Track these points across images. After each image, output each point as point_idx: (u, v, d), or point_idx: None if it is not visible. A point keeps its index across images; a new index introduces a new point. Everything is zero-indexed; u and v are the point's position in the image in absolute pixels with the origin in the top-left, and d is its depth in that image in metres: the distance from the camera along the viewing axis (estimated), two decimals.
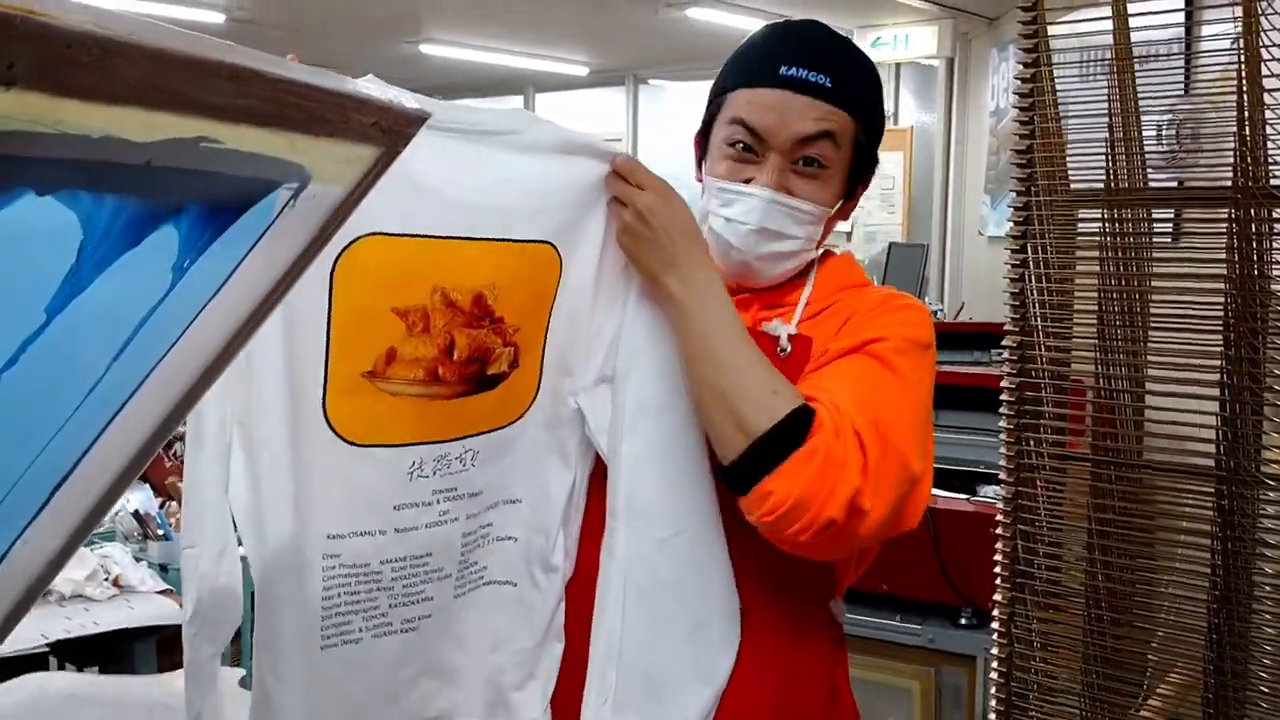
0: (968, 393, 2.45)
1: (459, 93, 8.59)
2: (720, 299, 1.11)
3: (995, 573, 1.53)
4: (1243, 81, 1.32)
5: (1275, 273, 1.34)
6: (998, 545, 1.52)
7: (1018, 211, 1.49)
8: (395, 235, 1.01)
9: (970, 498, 2.47)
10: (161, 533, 2.65)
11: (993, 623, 1.57)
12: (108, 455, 0.59)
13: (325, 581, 1.04)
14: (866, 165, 1.24)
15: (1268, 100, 1.31)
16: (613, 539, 1.13)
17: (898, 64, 6.76)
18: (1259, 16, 1.30)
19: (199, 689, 1.01)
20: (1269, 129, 1.32)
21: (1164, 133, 1.55)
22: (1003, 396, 1.55)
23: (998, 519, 1.52)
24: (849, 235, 6.57)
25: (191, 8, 6.01)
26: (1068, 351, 1.54)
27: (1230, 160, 1.35)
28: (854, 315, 1.18)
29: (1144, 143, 1.49)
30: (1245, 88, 1.32)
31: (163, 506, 2.79)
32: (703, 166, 1.24)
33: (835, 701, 1.24)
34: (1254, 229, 1.34)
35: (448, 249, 1.05)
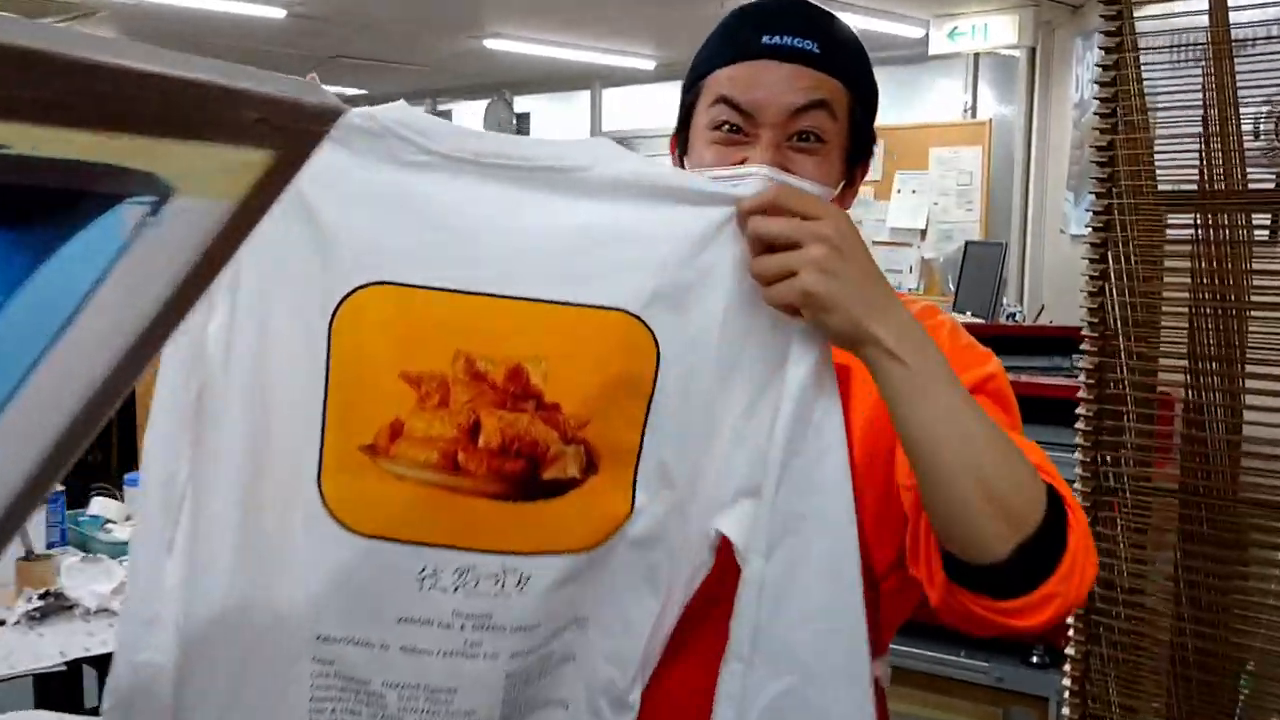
0: (1039, 404, 2.29)
1: (526, 88, 8.56)
2: (936, 348, 0.89)
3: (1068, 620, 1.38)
4: None
5: None
6: None
7: (1097, 216, 1.34)
8: (409, 286, 0.85)
9: None
10: None
11: (1065, 664, 1.43)
12: None
13: (315, 691, 0.89)
14: (865, 144, 1.08)
15: None
16: (731, 682, 0.92)
17: (976, 54, 6.55)
18: None
19: None
20: None
21: (1262, 127, 1.40)
22: (1079, 411, 1.40)
23: None
24: (922, 233, 6.37)
25: (251, 2, 6.02)
26: (1153, 366, 1.40)
27: None
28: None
29: (1242, 138, 1.33)
30: None
31: None
32: (684, 164, 1.08)
33: None
34: None
35: (476, 307, 0.85)
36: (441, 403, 0.85)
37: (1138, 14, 1.34)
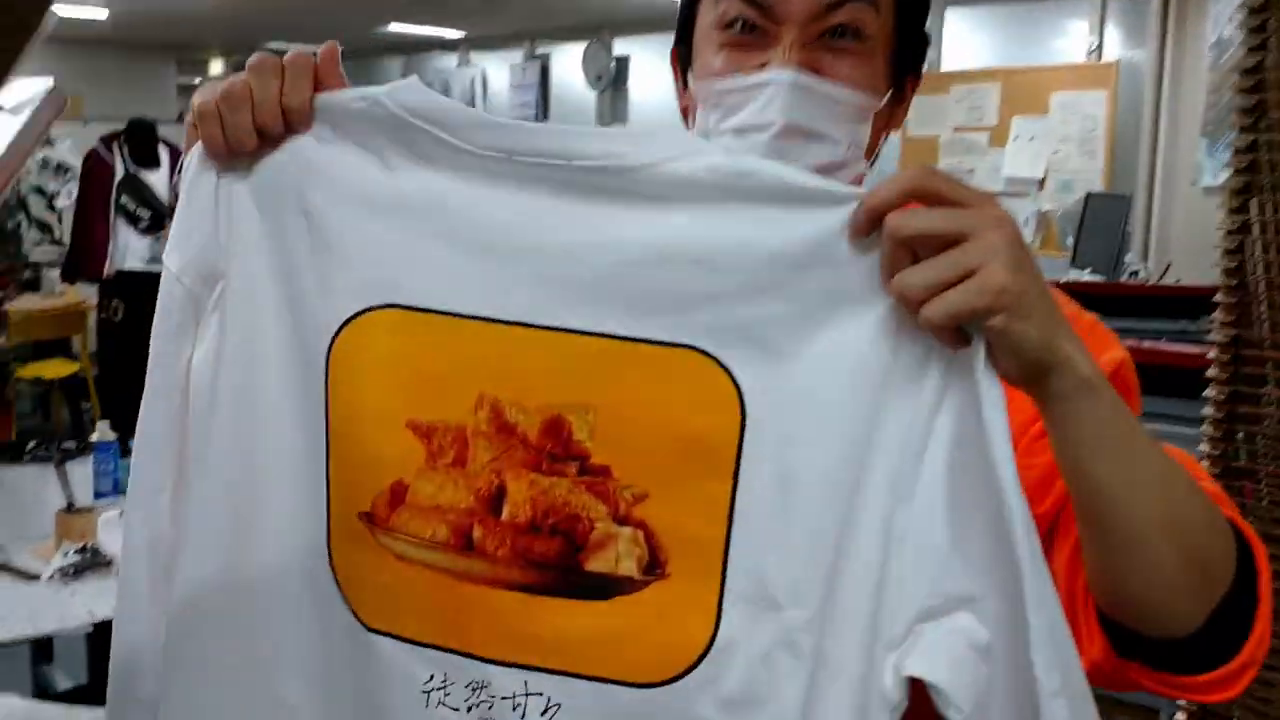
0: (1162, 373, 2.09)
1: (627, 29, 8.36)
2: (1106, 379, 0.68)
3: None
4: None
5: None
6: None
7: (1239, 156, 1.17)
8: (424, 310, 0.68)
9: None
10: None
11: None
12: None
13: None
14: (916, 48, 0.89)
15: None
16: None
17: None
18: None
19: None
20: None
21: None
22: (1210, 378, 1.26)
23: None
24: (1040, 183, 6.07)
25: None
26: None
27: None
28: None
29: None
30: None
31: None
32: (688, 81, 0.90)
33: None
34: None
35: (507, 340, 0.67)
36: (457, 461, 0.68)
37: None
